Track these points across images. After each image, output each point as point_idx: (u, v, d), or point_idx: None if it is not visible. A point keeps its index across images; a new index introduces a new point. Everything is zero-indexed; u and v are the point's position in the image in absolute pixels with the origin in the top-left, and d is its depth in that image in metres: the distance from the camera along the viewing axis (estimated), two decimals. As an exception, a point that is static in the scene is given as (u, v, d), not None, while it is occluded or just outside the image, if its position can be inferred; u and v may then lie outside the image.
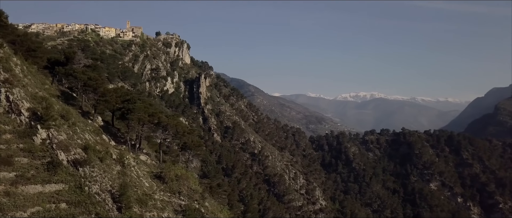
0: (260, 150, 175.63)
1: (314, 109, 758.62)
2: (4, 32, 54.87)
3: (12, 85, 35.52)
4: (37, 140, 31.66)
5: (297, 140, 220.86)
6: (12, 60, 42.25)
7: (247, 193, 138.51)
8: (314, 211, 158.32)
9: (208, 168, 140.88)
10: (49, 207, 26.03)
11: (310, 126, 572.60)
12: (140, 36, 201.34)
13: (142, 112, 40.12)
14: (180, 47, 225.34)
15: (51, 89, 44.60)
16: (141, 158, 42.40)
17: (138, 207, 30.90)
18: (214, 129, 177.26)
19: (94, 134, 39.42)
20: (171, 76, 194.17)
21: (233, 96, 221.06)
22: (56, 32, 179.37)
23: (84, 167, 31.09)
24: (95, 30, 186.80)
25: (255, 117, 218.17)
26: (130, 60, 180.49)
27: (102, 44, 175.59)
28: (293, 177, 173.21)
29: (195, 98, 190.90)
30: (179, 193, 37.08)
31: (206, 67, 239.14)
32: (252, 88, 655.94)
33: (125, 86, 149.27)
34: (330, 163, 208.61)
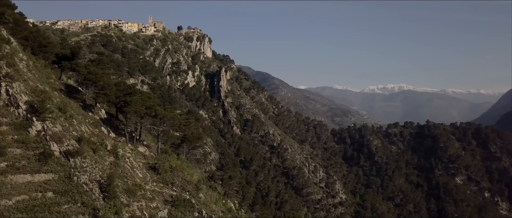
0: (279, 142, 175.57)
1: (340, 101, 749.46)
2: (17, 29, 57.12)
3: (13, 79, 36.99)
4: (32, 132, 32.96)
5: (318, 133, 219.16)
6: (18, 55, 44.00)
7: (265, 185, 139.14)
8: (334, 204, 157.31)
9: (226, 160, 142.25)
10: (35, 195, 27.14)
11: (335, 119, 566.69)
12: (161, 31, 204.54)
13: (139, 105, 40.97)
14: (201, 41, 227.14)
15: (56, 83, 46.18)
16: (140, 149, 43.37)
17: (126, 197, 31.71)
18: (234, 122, 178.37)
19: (92, 127, 40.61)
20: (192, 70, 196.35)
21: (254, 89, 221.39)
22: (80, 28, 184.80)
23: (75, 158, 32.17)
24: (118, 26, 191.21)
25: (275, 110, 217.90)
26: (152, 54, 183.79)
27: (124, 39, 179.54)
28: (313, 170, 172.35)
29: (216, 92, 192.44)
30: (172, 184, 37.77)
31: (227, 61, 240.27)
32: (276, 81, 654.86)
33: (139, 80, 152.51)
34: (352, 156, 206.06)
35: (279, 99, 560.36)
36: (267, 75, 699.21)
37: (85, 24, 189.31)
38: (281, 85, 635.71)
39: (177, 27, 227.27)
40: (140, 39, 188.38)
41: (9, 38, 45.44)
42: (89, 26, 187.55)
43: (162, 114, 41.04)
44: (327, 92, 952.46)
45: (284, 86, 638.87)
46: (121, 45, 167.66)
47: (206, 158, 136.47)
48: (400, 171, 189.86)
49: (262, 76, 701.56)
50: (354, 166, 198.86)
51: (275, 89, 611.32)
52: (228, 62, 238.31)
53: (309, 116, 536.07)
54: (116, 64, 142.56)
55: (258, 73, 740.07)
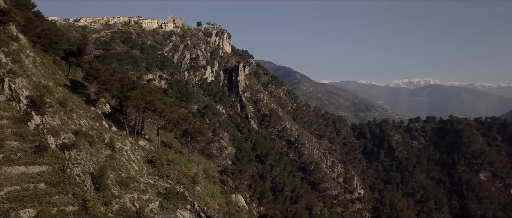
0: (296, 137, 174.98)
1: (364, 96, 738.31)
2: (30, 27, 59.21)
3: (16, 75, 38.51)
4: (31, 125, 34.27)
5: (337, 128, 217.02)
6: (25, 52, 45.66)
7: (280, 180, 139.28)
8: (351, 200, 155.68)
9: (242, 154, 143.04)
10: (27, 186, 28.34)
11: (359, 114, 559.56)
12: (180, 27, 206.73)
13: (138, 99, 41.80)
14: (220, 37, 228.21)
15: (61, 78, 47.67)
16: (140, 143, 44.32)
17: (118, 189, 32.61)
18: (251, 116, 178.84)
19: (93, 121, 41.80)
20: (210, 65, 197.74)
21: (272, 84, 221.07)
22: (102, 25, 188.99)
23: (71, 151, 33.29)
24: (138, 22, 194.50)
25: (293, 104, 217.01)
26: (170, 50, 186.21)
27: (144, 35, 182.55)
28: (330, 165, 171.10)
29: (234, 86, 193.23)
30: (167, 177, 38.51)
31: (246, 56, 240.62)
32: (298, 76, 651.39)
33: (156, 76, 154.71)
34: (371, 151, 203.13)
35: (301, 93, 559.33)
36: (289, 70, 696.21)
37: (106, 21, 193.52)
38: (303, 80, 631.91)
39: (196, 23, 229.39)
40: (159, 35, 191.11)
41: (17, 36, 47.19)
42: (110, 23, 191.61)
43: (161, 108, 41.77)
44: (351, 87, 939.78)
45: (306, 81, 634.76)
46: (140, 41, 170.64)
47: (222, 152, 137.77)
48: (421, 166, 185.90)
49: (283, 71, 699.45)
50: (373, 162, 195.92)
51: (297, 83, 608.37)
52: (247, 57, 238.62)
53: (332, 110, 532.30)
54: (134, 60, 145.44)
55: (280, 68, 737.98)
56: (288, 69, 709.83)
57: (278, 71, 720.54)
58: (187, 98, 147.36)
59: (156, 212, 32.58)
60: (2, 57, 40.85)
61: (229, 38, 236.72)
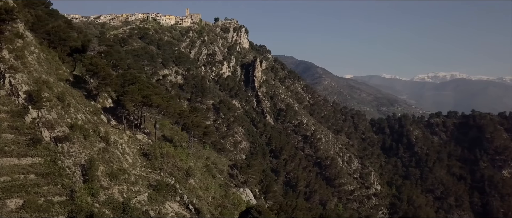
0: (312, 132, 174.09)
1: (387, 90, 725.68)
2: (39, 24, 61.31)
3: (16, 71, 40.03)
4: (28, 119, 35.58)
5: (356, 123, 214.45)
6: (29, 48, 47.36)
7: (294, 175, 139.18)
8: (367, 195, 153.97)
9: (256, 149, 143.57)
10: (18, 177, 29.56)
11: (381, 109, 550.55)
12: (198, 23, 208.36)
13: (136, 94, 42.71)
14: (238, 32, 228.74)
15: (64, 74, 49.17)
16: (138, 136, 45.31)
17: (108, 181, 33.56)
18: (267, 111, 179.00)
19: (92, 114, 43.02)
20: (227, 60, 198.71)
21: (290, 79, 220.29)
22: (121, 22, 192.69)
23: (63, 143, 34.46)
24: (156, 19, 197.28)
25: (311, 99, 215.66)
26: (187, 45, 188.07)
27: (161, 32, 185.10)
28: (347, 161, 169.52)
29: (250, 81, 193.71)
30: (160, 169, 39.28)
31: (264, 51, 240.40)
32: (320, 70, 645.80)
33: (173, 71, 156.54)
34: (390, 146, 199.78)
35: (322, 88, 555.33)
36: (310, 64, 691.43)
37: (125, 18, 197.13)
38: (324, 74, 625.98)
39: (214, 19, 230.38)
40: (176, 31, 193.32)
41: (23, 33, 48.94)
42: (129, 20, 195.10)
43: (157, 102, 42.57)
44: (374, 81, 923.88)
45: (328, 75, 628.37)
46: (157, 37, 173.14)
47: (236, 147, 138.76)
48: (441, 162, 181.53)
49: (305, 66, 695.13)
50: (392, 157, 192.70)
51: (318, 78, 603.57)
52: (264, 52, 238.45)
53: (353, 105, 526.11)
54: (150, 55, 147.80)
55: (301, 63, 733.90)
56: (309, 64, 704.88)
57: (300, 65, 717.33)
58: (202, 93, 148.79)
59: (144, 203, 33.36)
60: (6, 54, 42.52)
61: (247, 33, 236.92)
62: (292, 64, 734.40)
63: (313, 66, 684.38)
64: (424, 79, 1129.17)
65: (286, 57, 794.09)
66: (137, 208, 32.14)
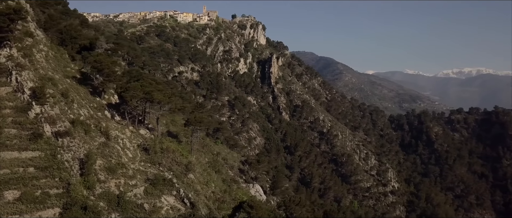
0: (329, 129, 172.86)
1: (410, 86, 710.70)
2: (52, 23, 63.28)
3: (23, 68, 41.55)
4: (31, 114, 36.91)
5: (374, 119, 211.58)
6: (38, 47, 48.98)
7: (309, 172, 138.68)
8: (384, 193, 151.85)
9: (271, 145, 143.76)
10: (17, 170, 30.79)
11: (403, 105, 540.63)
12: (215, 20, 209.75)
13: (138, 91, 43.65)
14: (255, 29, 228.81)
15: (72, 71, 50.62)
16: (141, 132, 46.27)
17: (105, 174, 34.52)
18: (283, 107, 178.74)
19: (95, 110, 44.20)
20: (243, 57, 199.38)
21: (307, 75, 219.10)
22: (139, 19, 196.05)
23: (64, 138, 35.60)
24: (173, 16, 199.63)
25: (328, 95, 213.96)
26: (204, 43, 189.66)
27: (178, 29, 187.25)
28: (364, 157, 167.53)
29: (266, 78, 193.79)
30: (159, 164, 40.05)
31: (281, 47, 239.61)
32: (340, 66, 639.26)
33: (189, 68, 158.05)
34: (409, 143, 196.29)
35: (342, 84, 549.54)
36: (331, 60, 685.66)
37: (143, 16, 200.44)
38: (345, 70, 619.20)
39: (231, 16, 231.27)
40: (193, 29, 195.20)
41: (33, 32, 50.66)
42: (147, 17, 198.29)
43: (159, 98, 43.36)
44: (397, 77, 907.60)
45: (348, 71, 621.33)
46: (174, 35, 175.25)
47: (250, 143, 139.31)
48: (462, 160, 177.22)
49: (325, 62, 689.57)
50: (411, 154, 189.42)
51: (339, 74, 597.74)
52: (281, 48, 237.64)
53: (374, 101, 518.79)
54: (166, 52, 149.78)
55: (322, 59, 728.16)
56: (330, 60, 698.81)
57: (320, 61, 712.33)
58: (217, 89, 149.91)
59: (140, 197, 34.16)
60: (14, 52, 44.16)
61: (264, 30, 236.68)
62: (312, 60, 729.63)
63: (334, 62, 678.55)
64: (448, 74, 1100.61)
65: (306, 53, 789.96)
66: (132, 201, 32.96)
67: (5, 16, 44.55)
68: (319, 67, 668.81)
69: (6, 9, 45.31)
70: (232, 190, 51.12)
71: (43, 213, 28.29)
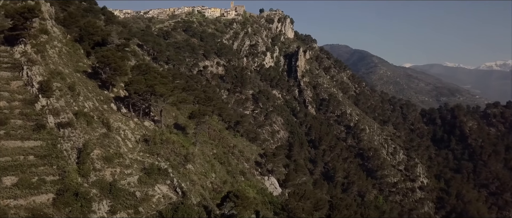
0: (356, 123, 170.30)
1: (449, 80, 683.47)
2: (71, 20, 66.41)
3: (34, 63, 44.19)
4: (38, 106, 39.29)
5: (405, 113, 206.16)
6: (52, 43, 51.74)
7: (332, 165, 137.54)
8: (412, 188, 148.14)
9: (294, 139, 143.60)
10: (18, 158, 33.01)
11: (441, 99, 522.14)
12: (242, 14, 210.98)
13: (141, 84, 45.30)
14: (282, 22, 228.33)
15: (84, 66, 53.07)
16: (145, 123, 48.00)
17: (101, 163, 36.28)
18: (309, 101, 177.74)
19: (101, 103, 46.28)
20: (270, 51, 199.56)
21: (335, 68, 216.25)
22: (168, 15, 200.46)
23: (65, 129, 37.66)
24: (201, 12, 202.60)
25: (357, 89, 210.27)
26: (231, 37, 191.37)
27: (205, 24, 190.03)
28: (392, 152, 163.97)
29: (293, 71, 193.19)
30: (157, 154, 41.49)
31: (309, 41, 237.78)
32: (375, 59, 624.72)
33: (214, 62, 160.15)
34: (441, 138, 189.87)
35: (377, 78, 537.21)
36: (365, 53, 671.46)
37: (172, 12, 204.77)
38: (380, 63, 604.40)
39: (259, 10, 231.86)
40: (221, 24, 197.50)
41: (48, 29, 53.53)
42: (175, 13, 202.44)
43: (161, 92, 44.78)
44: (436, 70, 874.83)
45: (384, 64, 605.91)
46: (201, 30, 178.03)
47: (273, 136, 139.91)
48: (497, 155, 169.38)
49: (360, 55, 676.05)
50: (443, 149, 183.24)
51: (373, 67, 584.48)
52: (309, 41, 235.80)
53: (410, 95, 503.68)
54: (191, 47, 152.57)
55: (356, 52, 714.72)
56: (365, 53, 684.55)
57: (354, 54, 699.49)
58: (241, 83, 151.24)
59: (134, 185, 35.69)
60: (28, 48, 47.03)
61: (292, 23, 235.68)
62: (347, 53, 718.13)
63: (369, 55, 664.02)
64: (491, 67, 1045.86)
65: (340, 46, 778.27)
66: (125, 189, 34.51)
67: (20, 15, 47.66)
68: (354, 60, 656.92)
69: (21, 8, 48.28)
70: (236, 181, 52.05)
71: (37, 198, 30.27)
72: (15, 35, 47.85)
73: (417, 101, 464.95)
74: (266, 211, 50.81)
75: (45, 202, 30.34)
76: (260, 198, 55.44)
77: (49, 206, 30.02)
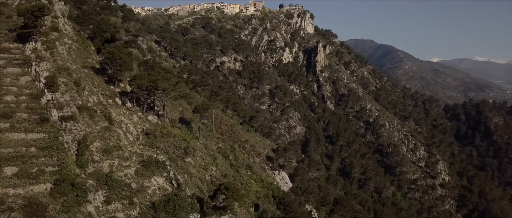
0: (375, 118, 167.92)
1: (479, 75, 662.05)
2: (84, 18, 68.65)
3: (42, 59, 46.04)
4: (43, 100, 41.01)
5: (427, 109, 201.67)
6: (62, 40, 53.68)
7: (349, 161, 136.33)
8: (432, 185, 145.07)
9: (311, 134, 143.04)
10: (20, 149, 34.65)
11: (469, 94, 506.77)
12: (261, 10, 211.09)
13: (144, 79, 46.53)
14: (302, 18, 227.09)
15: (93, 62, 54.81)
16: (149, 118, 49.25)
17: (100, 155, 37.60)
18: (328, 96, 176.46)
19: (106, 97, 47.76)
20: (289, 46, 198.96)
21: (356, 63, 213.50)
22: (188, 12, 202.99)
23: (68, 122, 39.21)
24: (220, 8, 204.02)
25: (378, 84, 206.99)
26: (249, 33, 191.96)
27: (224, 20, 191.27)
28: (412, 148, 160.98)
29: (312, 66, 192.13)
30: (157, 147, 42.58)
31: (329, 35, 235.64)
32: (400, 54, 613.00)
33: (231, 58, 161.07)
34: (465, 134, 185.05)
35: (402, 73, 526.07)
36: (391, 48, 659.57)
37: (192, 9, 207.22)
38: (405, 58, 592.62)
39: (279, 6, 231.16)
40: (239, 19, 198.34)
41: (59, 26, 55.56)
42: (195, 10, 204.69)
43: (163, 86, 45.85)
44: (465, 65, 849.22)
45: (409, 59, 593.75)
46: (219, 26, 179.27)
47: (289, 132, 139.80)
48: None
49: (385, 49, 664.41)
50: (467, 146, 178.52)
51: (399, 62, 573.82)
52: (330, 36, 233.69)
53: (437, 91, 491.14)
54: (209, 43, 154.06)
55: (381, 46, 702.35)
56: (390, 47, 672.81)
57: (379, 49, 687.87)
58: (258, 79, 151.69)
59: (130, 177, 36.84)
60: (38, 45, 49.01)
61: (312, 18, 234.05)
62: (371, 48, 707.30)
63: (394, 49, 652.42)
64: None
65: (365, 41, 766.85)
66: (121, 180, 35.69)
67: (30, 14, 49.68)
68: (378, 55, 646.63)
69: (31, 7, 50.29)
70: (239, 175, 52.72)
71: (35, 187, 31.76)
72: (26, 33, 49.97)
73: (444, 97, 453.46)
74: (268, 204, 51.36)
75: (42, 192, 31.79)
76: (264, 191, 56.02)
77: (45, 195, 31.43)
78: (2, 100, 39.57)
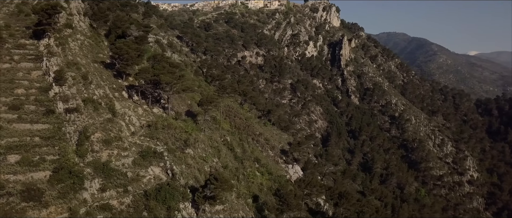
0: (401, 113, 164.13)
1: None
2: (100, 15, 71.26)
3: (53, 55, 48.44)
4: (51, 93, 43.30)
5: (457, 103, 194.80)
6: (74, 36, 56.13)
7: (371, 156, 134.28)
8: (459, 182, 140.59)
9: (332, 128, 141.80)
10: (25, 139, 36.87)
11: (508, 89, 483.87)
12: (285, 4, 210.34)
13: (148, 73, 48.04)
14: (327, 11, 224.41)
15: (103, 57, 56.99)
16: (154, 110, 50.80)
17: (100, 145, 39.30)
18: (352, 90, 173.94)
19: (113, 91, 49.66)
20: (313, 40, 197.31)
21: (383, 56, 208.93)
22: (212, 7, 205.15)
23: (72, 113, 41.23)
24: (244, 3, 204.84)
25: (405, 78, 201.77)
26: (273, 27, 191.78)
27: (248, 15, 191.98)
28: (439, 144, 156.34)
29: (336, 60, 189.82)
30: (157, 138, 43.96)
31: (355, 29, 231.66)
32: (434, 47, 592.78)
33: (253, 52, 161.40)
34: (498, 130, 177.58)
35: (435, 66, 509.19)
36: (424, 41, 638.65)
37: (216, 4, 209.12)
38: (439, 51, 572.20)
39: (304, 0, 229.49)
40: (263, 14, 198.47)
41: (72, 24, 58.07)
42: (219, 5, 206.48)
43: (166, 80, 47.17)
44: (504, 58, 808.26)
45: (444, 52, 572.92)
46: (243, 21, 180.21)
47: (310, 126, 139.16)
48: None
49: (418, 43, 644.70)
50: (499, 142, 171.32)
51: (432, 55, 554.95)
52: (356, 30, 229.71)
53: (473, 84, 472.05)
54: (231, 38, 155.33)
55: (414, 39, 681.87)
56: (423, 41, 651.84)
57: (412, 42, 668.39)
58: (280, 73, 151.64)
59: (127, 166, 38.34)
60: (51, 41, 51.56)
61: (338, 12, 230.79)
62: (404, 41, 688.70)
63: (427, 42, 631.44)
64: None
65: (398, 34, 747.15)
66: (118, 169, 37.25)
67: (44, 12, 52.28)
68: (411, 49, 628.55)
69: (45, 5, 52.88)
70: (243, 166, 53.51)
71: (35, 174, 33.76)
72: (40, 30, 52.66)
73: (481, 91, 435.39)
74: (271, 196, 51.89)
75: (41, 179, 33.74)
76: (270, 184, 56.59)
77: (44, 182, 33.38)
78: (12, 92, 42.19)
